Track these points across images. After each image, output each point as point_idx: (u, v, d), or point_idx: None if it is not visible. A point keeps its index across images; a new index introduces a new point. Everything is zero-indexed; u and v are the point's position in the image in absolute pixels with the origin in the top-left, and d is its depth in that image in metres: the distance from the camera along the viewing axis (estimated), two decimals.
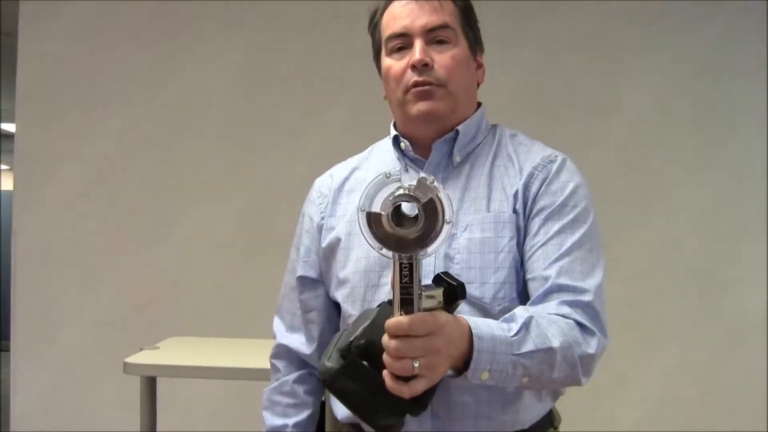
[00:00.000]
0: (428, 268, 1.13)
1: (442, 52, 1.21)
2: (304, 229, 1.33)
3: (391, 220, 0.85)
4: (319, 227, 1.30)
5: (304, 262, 1.32)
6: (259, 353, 1.62)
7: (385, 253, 0.87)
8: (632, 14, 3.22)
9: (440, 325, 0.91)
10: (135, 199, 3.25)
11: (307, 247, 1.32)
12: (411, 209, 0.86)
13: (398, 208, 0.86)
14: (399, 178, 0.87)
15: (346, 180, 1.32)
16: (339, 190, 1.31)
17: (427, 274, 1.07)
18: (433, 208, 0.85)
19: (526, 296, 1.16)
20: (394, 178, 0.86)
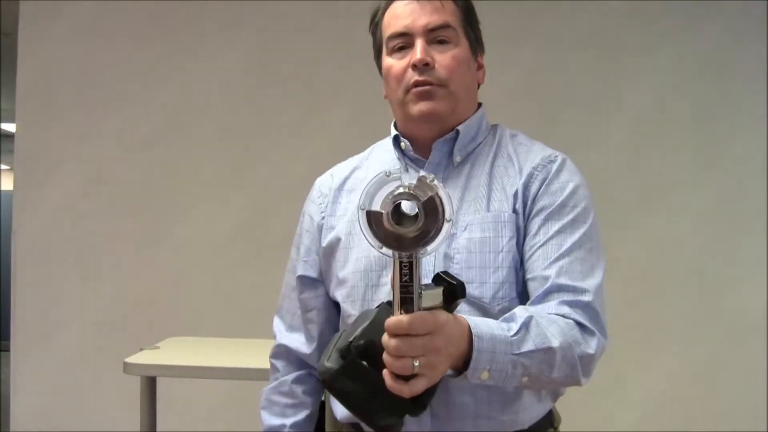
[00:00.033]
0: (428, 267, 1.13)
1: (443, 52, 1.21)
2: (305, 229, 1.33)
3: (391, 219, 0.85)
4: (320, 227, 1.30)
5: (305, 261, 1.32)
6: (259, 353, 1.62)
7: (385, 251, 0.87)
8: (632, 14, 3.22)
9: (440, 324, 0.91)
10: (135, 199, 3.24)
11: (308, 246, 1.32)
12: (411, 208, 0.85)
13: (398, 207, 0.85)
14: (399, 176, 0.86)
15: (347, 179, 1.32)
16: (339, 190, 1.31)
17: (427, 274, 1.07)
18: (433, 207, 0.85)
19: (525, 296, 1.15)
20: (394, 177, 0.86)
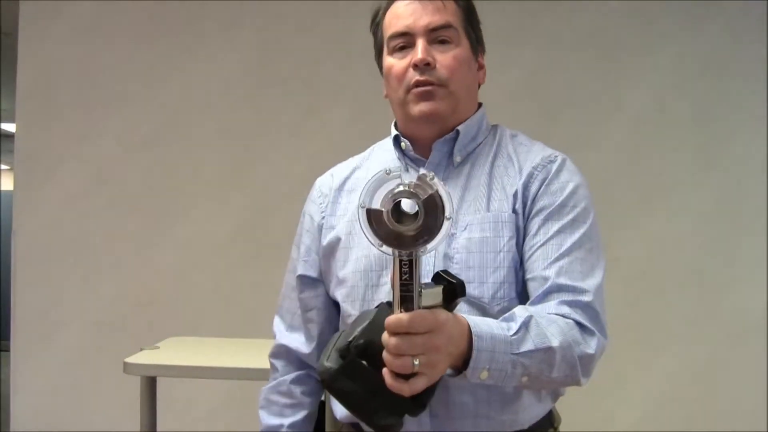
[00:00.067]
0: (428, 267, 1.13)
1: (444, 52, 1.21)
2: (305, 228, 1.33)
3: (391, 217, 0.85)
4: (320, 226, 1.30)
5: (305, 261, 1.32)
6: (259, 353, 1.62)
7: (385, 250, 0.87)
8: (632, 14, 3.22)
9: (440, 322, 0.91)
10: (135, 199, 3.24)
11: (308, 246, 1.31)
12: (411, 206, 0.85)
13: (398, 205, 0.85)
14: (399, 174, 0.86)
15: (347, 179, 1.32)
16: (339, 190, 1.31)
17: (427, 274, 1.07)
18: (433, 205, 0.84)
19: (525, 296, 1.15)
20: (395, 175, 0.86)
